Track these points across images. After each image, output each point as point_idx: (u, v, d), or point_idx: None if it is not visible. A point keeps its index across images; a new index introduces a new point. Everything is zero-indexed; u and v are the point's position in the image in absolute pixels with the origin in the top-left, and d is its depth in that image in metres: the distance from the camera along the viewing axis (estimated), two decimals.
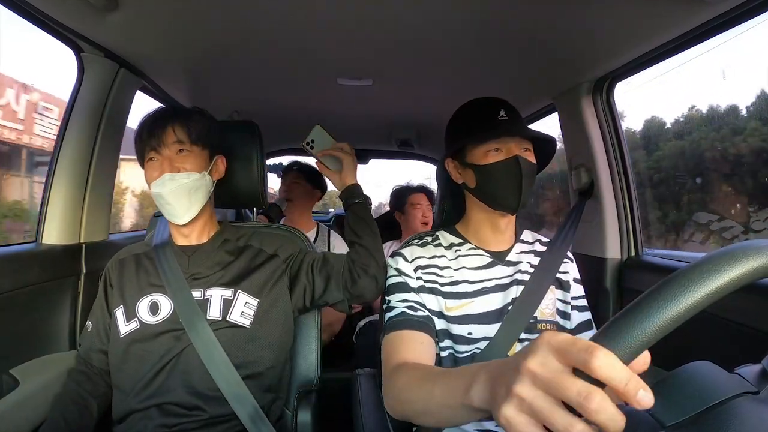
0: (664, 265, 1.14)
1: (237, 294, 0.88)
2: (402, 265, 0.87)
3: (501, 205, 0.83)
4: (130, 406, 0.83)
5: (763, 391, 0.32)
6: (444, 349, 0.82)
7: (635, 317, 0.29)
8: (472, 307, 0.83)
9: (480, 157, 0.82)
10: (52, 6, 0.88)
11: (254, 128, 1.06)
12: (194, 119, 0.90)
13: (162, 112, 0.90)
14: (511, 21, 0.96)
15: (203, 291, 0.88)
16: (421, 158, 2.65)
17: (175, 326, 0.84)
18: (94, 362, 0.91)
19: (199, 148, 0.89)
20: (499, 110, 0.83)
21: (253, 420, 0.81)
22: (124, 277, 0.92)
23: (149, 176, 0.87)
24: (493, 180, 0.81)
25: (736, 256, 0.30)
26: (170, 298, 0.86)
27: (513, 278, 0.86)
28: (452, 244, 0.90)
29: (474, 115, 0.87)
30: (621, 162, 1.24)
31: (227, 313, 0.86)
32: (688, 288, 0.29)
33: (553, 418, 0.30)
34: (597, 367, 0.28)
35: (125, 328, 0.86)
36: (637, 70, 1.13)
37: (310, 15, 0.96)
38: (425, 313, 0.81)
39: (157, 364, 0.82)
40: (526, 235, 0.94)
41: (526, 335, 0.82)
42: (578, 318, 0.90)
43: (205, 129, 0.90)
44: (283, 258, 0.96)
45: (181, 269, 0.89)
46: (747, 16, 0.83)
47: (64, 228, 1.06)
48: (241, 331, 0.86)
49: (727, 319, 0.86)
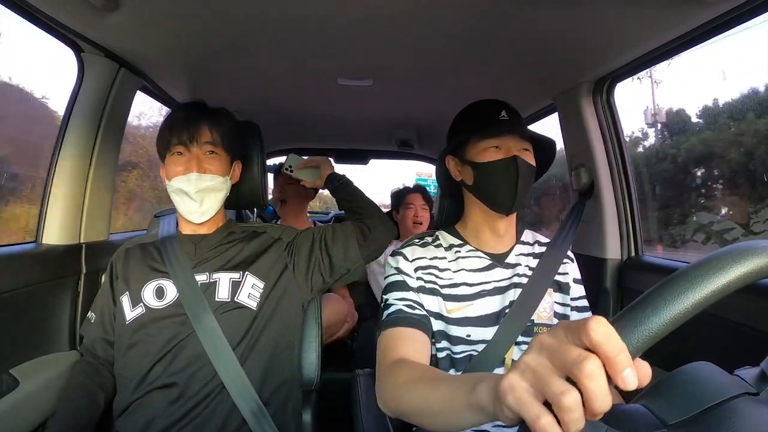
0: (664, 265, 1.14)
1: (245, 276, 0.90)
2: (402, 264, 0.87)
3: (497, 204, 0.83)
4: (131, 395, 0.83)
5: (763, 393, 0.32)
6: (441, 350, 0.82)
7: (638, 313, 0.29)
8: (471, 309, 0.83)
9: (479, 155, 0.83)
10: (52, 6, 0.88)
11: (255, 128, 1.06)
12: (222, 122, 0.91)
13: (196, 107, 0.92)
14: (511, 21, 0.96)
15: (209, 274, 0.89)
16: (421, 158, 2.65)
17: (180, 311, 0.85)
18: (99, 352, 0.91)
19: (225, 152, 0.91)
20: (501, 111, 0.84)
21: (255, 415, 0.81)
22: (129, 265, 0.93)
23: (172, 170, 0.88)
24: (491, 178, 0.82)
25: (739, 255, 0.30)
26: (175, 284, 0.87)
27: (511, 281, 0.86)
28: (452, 245, 0.90)
29: (476, 113, 0.88)
30: (621, 162, 1.24)
31: (235, 294, 0.88)
32: (689, 288, 0.29)
33: (550, 381, 0.30)
34: (591, 329, 0.28)
35: (131, 314, 0.86)
36: (637, 70, 1.13)
37: (310, 15, 0.96)
38: (422, 312, 0.81)
39: (160, 351, 0.83)
40: (526, 235, 0.94)
41: (523, 338, 0.82)
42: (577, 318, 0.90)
43: (231, 133, 0.92)
44: (287, 241, 0.98)
45: (187, 257, 0.90)
46: (747, 16, 0.83)
47: (64, 228, 1.06)
48: (248, 312, 0.87)
49: (727, 319, 0.86)
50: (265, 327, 0.89)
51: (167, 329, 0.84)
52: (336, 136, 2.29)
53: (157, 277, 0.89)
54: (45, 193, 1.06)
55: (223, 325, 0.84)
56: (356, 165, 2.64)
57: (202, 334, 0.82)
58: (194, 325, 0.83)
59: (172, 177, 0.88)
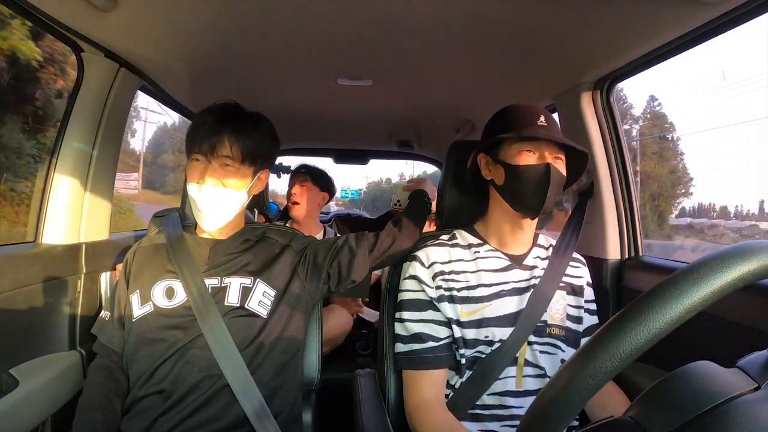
0: (664, 265, 1.14)
1: (256, 283, 0.89)
2: (419, 272, 0.88)
3: (524, 207, 0.84)
4: (137, 394, 0.83)
5: (764, 387, 0.31)
6: (462, 356, 0.83)
7: (632, 318, 0.29)
8: (489, 310, 0.84)
9: (513, 156, 0.83)
10: (52, 5, 0.88)
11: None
12: (249, 132, 0.89)
13: (225, 113, 0.90)
14: (512, 21, 0.96)
15: (221, 279, 0.89)
16: (421, 158, 2.65)
17: (188, 313, 0.85)
18: (117, 348, 0.90)
19: (246, 167, 0.90)
20: (540, 116, 0.84)
21: (258, 416, 0.81)
22: (142, 263, 0.93)
23: (191, 174, 0.89)
24: (522, 181, 0.82)
25: (737, 256, 0.29)
26: (184, 287, 0.87)
27: (529, 283, 0.87)
28: (471, 245, 0.91)
29: (515, 115, 0.87)
30: (621, 162, 1.24)
31: (246, 300, 0.87)
32: (689, 287, 0.29)
33: None
34: None
35: (139, 311, 0.86)
36: (637, 71, 1.13)
37: (310, 15, 0.96)
38: (439, 341, 0.85)
39: (167, 352, 0.82)
40: (541, 239, 0.95)
41: (535, 338, 0.84)
42: (589, 321, 0.92)
43: (256, 146, 0.90)
44: (297, 249, 0.98)
45: (199, 259, 0.90)
46: (747, 16, 0.83)
47: (64, 228, 1.06)
48: (258, 320, 0.87)
49: (727, 319, 0.86)
50: (274, 334, 0.89)
51: (174, 330, 0.84)
52: (336, 136, 2.29)
53: (168, 277, 0.89)
54: (45, 193, 1.06)
55: (232, 329, 0.84)
56: (356, 165, 2.64)
57: (210, 337, 0.82)
58: (202, 328, 0.83)
59: (190, 180, 0.89)
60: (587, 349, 0.30)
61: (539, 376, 0.84)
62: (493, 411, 0.82)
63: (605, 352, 0.29)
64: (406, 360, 0.86)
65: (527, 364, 0.84)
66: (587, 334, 0.90)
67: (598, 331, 0.31)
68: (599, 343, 0.30)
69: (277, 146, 1.00)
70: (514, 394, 0.82)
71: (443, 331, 0.85)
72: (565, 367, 0.31)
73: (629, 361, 0.29)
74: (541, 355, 0.84)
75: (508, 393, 0.82)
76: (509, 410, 0.82)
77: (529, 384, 0.84)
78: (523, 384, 0.83)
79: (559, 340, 0.85)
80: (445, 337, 0.85)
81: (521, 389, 0.83)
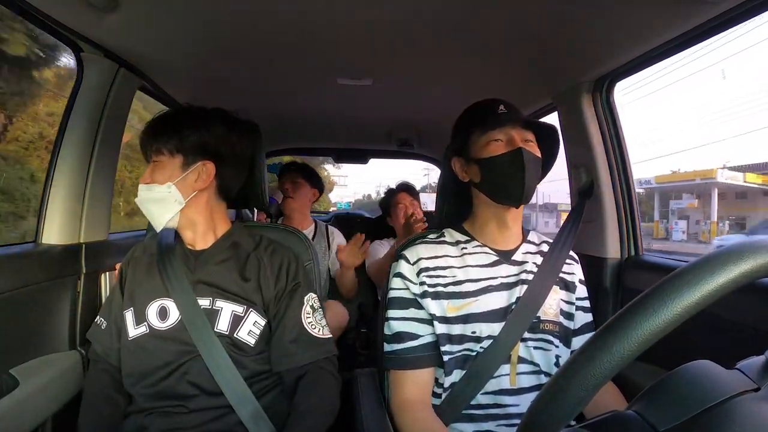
0: (664, 264, 1.14)
1: (248, 312, 0.87)
2: (404, 269, 0.88)
3: (506, 197, 0.83)
4: (133, 406, 0.83)
5: (764, 388, 0.31)
6: (446, 353, 0.82)
7: (632, 318, 0.29)
8: (476, 305, 0.83)
9: (483, 150, 0.83)
10: (51, 6, 0.88)
11: (254, 128, 1.06)
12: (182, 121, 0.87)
13: (160, 121, 0.89)
14: (511, 20, 0.96)
15: (212, 300, 0.87)
16: (421, 158, 2.65)
17: (182, 333, 0.84)
18: (113, 361, 0.90)
19: (176, 154, 0.86)
20: (499, 105, 0.85)
21: (254, 419, 0.82)
22: (136, 277, 0.92)
23: None
24: (498, 171, 0.82)
25: (737, 255, 0.29)
26: (177, 306, 0.86)
27: (518, 278, 0.86)
28: (458, 241, 0.90)
29: (474, 112, 0.89)
30: (621, 162, 1.24)
31: (235, 329, 0.86)
32: (689, 287, 0.29)
33: None
34: None
35: (134, 332, 0.86)
36: (637, 70, 1.13)
37: (311, 15, 0.96)
38: (419, 341, 0.84)
39: (163, 369, 0.83)
40: (532, 236, 0.95)
41: (529, 335, 0.83)
42: (582, 319, 0.91)
43: (192, 133, 0.86)
44: (285, 279, 0.92)
45: (187, 273, 0.89)
46: (747, 15, 0.83)
47: (63, 228, 1.06)
48: (246, 347, 0.86)
49: (727, 319, 0.86)
50: (264, 356, 0.88)
51: (169, 350, 0.84)
52: (336, 136, 2.29)
53: (162, 296, 0.87)
54: (44, 193, 1.06)
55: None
56: (356, 165, 2.65)
57: (206, 352, 0.82)
58: (197, 345, 0.82)
59: None
60: (587, 349, 0.30)
61: (534, 372, 0.83)
62: (489, 410, 0.81)
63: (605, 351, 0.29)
64: (389, 360, 0.86)
65: (521, 361, 0.83)
66: (580, 333, 0.89)
67: (599, 331, 0.31)
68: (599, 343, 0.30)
69: (236, 141, 0.92)
70: (509, 393, 0.82)
71: (424, 329, 0.84)
72: (566, 367, 0.31)
73: (629, 360, 0.29)
74: (535, 351, 0.83)
75: (503, 391, 0.81)
76: (505, 409, 0.81)
77: (524, 381, 0.83)
78: (518, 381, 0.82)
79: (552, 336, 0.85)
80: (426, 335, 0.84)
81: (516, 387, 0.82)
